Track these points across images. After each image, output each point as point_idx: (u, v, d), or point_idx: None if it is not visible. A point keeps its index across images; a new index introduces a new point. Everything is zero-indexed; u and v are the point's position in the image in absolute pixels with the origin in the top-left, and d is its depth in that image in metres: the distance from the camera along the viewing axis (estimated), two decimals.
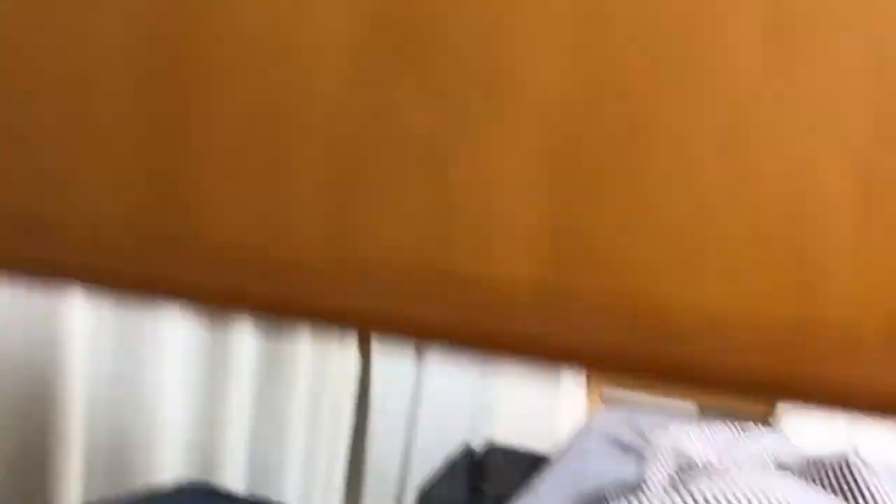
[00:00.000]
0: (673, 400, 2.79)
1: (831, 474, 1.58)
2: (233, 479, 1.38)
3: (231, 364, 1.33)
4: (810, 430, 2.20)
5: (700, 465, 1.64)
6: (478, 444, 2.61)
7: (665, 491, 1.50)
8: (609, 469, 2.21)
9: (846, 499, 1.53)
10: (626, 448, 2.35)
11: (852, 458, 1.59)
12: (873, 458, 1.65)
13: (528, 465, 2.44)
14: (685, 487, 1.45)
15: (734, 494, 1.37)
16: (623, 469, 2.12)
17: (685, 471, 1.67)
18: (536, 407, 2.64)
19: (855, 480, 1.55)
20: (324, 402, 1.60)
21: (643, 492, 1.66)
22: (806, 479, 1.62)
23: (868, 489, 1.54)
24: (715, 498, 1.36)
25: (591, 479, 2.04)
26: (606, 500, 1.38)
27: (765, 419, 2.56)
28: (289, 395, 1.46)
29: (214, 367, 1.33)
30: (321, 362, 1.57)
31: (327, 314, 0.29)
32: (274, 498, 1.14)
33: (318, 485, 1.67)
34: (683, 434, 1.95)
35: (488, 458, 2.51)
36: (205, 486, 1.16)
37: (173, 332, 1.23)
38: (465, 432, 2.53)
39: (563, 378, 2.61)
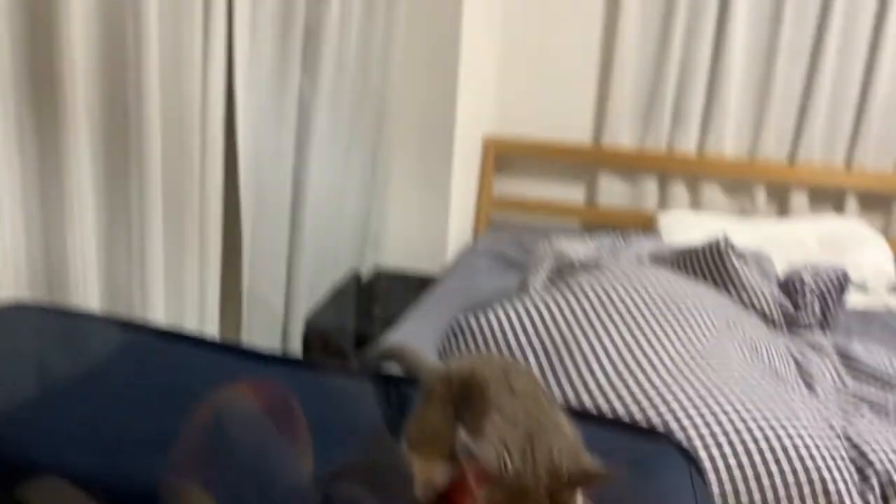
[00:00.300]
0: (558, 221, 2.83)
1: (702, 262, 1.63)
2: (85, 301, 1.28)
3: (66, 169, 1.18)
4: (687, 234, 2.27)
5: (578, 265, 1.65)
6: (365, 270, 2.58)
7: (544, 288, 1.51)
8: (495, 283, 2.24)
9: (716, 283, 1.59)
10: (511, 263, 2.38)
11: (722, 246, 1.64)
12: (741, 245, 1.71)
13: (415, 286, 2.45)
14: (563, 281, 1.46)
15: (609, 283, 1.38)
16: (508, 282, 2.15)
17: (564, 270, 1.69)
18: (424, 233, 2.61)
19: (724, 265, 1.61)
20: (187, 219, 1.48)
21: (525, 292, 1.67)
22: (678, 268, 1.67)
23: (736, 272, 1.60)
24: (592, 289, 1.37)
25: (478, 293, 2.07)
26: (492, 306, 1.37)
27: (645, 229, 2.63)
28: (142, 206, 1.33)
29: (46, 173, 1.18)
30: (178, 176, 1.44)
31: None
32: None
33: (189, 311, 1.59)
34: (565, 242, 1.97)
35: (376, 283, 2.49)
36: (34, 304, 1.05)
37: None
38: (353, 260, 2.50)
39: (451, 203, 2.58)
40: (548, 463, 0.59)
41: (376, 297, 2.37)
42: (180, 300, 1.56)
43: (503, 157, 2.90)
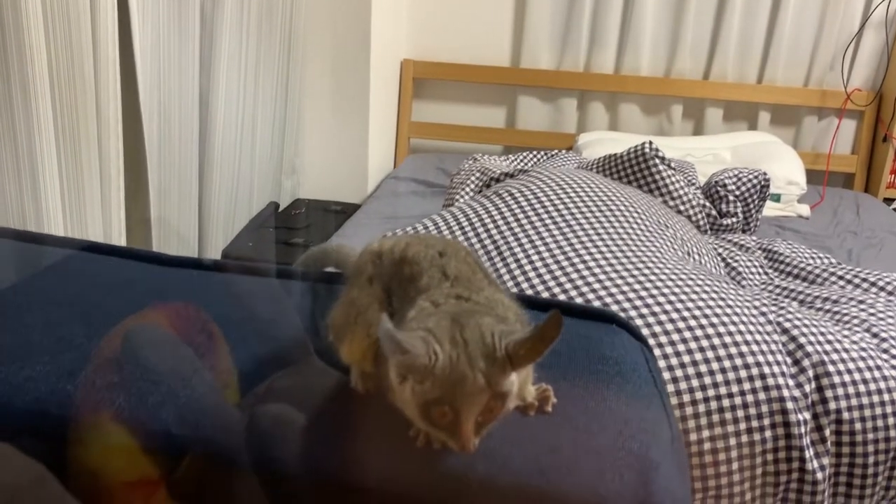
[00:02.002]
0: (479, 145, 2.78)
1: (627, 167, 1.62)
2: None
3: None
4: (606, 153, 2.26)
5: (504, 176, 1.61)
6: (284, 201, 2.47)
7: (472, 199, 1.46)
8: (419, 207, 2.18)
9: (640, 185, 1.59)
10: (434, 188, 2.32)
11: (647, 150, 1.63)
12: (664, 148, 1.70)
13: (336, 215, 2.37)
14: (490, 189, 1.42)
15: (538, 187, 1.34)
16: (433, 207, 2.10)
17: (490, 184, 1.64)
18: (343, 161, 2.51)
19: (649, 170, 1.60)
20: (82, 137, 1.35)
21: (451, 205, 1.62)
22: (604, 173, 1.66)
23: (661, 177, 1.60)
24: (521, 193, 1.33)
25: (401, 217, 2.00)
26: (419, 221, 1.31)
27: (566, 150, 2.62)
28: (28, 124, 1.20)
29: None
30: (69, 92, 1.29)
31: None
32: None
33: (92, 237, 1.47)
34: (489, 160, 1.93)
35: (296, 213, 2.39)
36: None
37: None
38: (270, 191, 2.38)
39: (370, 129, 2.48)
40: (481, 346, 0.53)
41: (296, 226, 2.28)
42: (82, 225, 1.43)
43: (422, 82, 2.81)
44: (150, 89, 1.60)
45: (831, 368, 1.10)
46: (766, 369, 1.06)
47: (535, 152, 2.25)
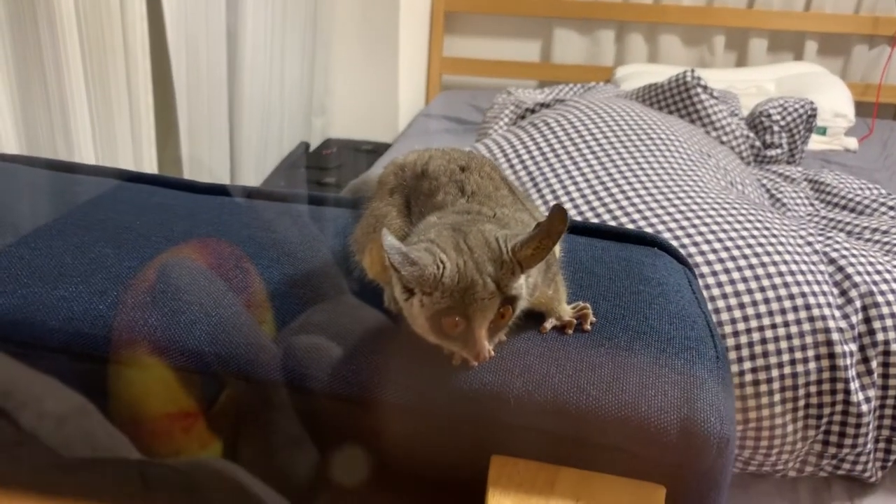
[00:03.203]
0: (514, 80, 2.70)
1: (668, 95, 1.56)
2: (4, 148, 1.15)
3: None
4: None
5: (538, 107, 1.56)
6: (314, 141, 2.45)
7: (506, 130, 1.42)
8: (449, 144, 2.12)
9: (681, 115, 1.53)
10: (467, 124, 2.28)
11: (689, 79, 1.56)
12: (706, 80, 1.63)
13: (367, 154, 2.34)
14: (525, 120, 1.37)
15: (575, 116, 1.30)
16: (466, 143, 2.05)
17: (525, 116, 1.60)
18: (373, 99, 2.47)
19: (691, 99, 1.54)
20: (110, 74, 1.34)
21: (488, 136, 1.58)
22: (644, 102, 1.60)
23: (703, 107, 1.54)
24: (557, 122, 1.29)
25: None
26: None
27: (605, 82, 2.54)
28: (58, 64, 1.19)
29: None
30: (96, 31, 1.28)
31: None
32: None
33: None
34: (523, 93, 1.87)
35: (326, 152, 2.37)
36: None
37: None
38: (301, 132, 2.36)
39: (400, 66, 2.43)
40: (487, 251, 0.51)
41: (327, 166, 2.26)
42: (113, 163, 1.43)
43: (454, 15, 2.73)
44: (177, 25, 1.57)
45: (880, 299, 1.06)
46: (812, 299, 1.02)
47: (571, 85, 2.19)
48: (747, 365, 1.01)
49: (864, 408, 1.03)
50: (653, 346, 0.56)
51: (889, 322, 1.05)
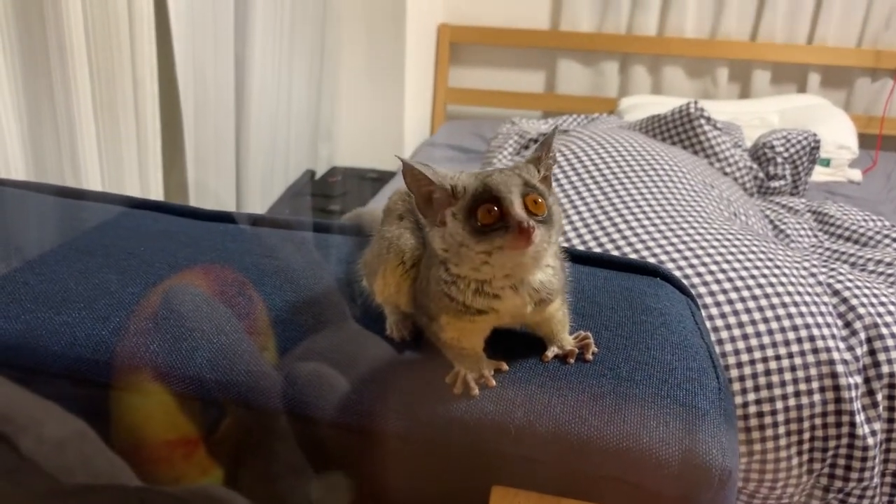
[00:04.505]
0: (518, 111, 2.73)
1: (671, 126, 1.57)
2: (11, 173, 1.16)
3: None
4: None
5: (542, 137, 1.57)
6: (320, 168, 2.47)
7: (512, 159, 1.43)
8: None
9: (684, 146, 1.54)
10: (471, 153, 2.29)
11: (692, 110, 1.57)
12: (710, 112, 1.64)
13: (373, 182, 2.35)
14: (529, 150, 1.38)
15: (579, 147, 1.31)
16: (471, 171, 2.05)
17: (529, 146, 1.61)
18: (379, 127, 2.49)
19: (694, 131, 1.55)
20: (118, 101, 1.35)
21: (492, 165, 1.59)
22: (647, 134, 1.61)
23: (707, 138, 1.55)
24: (561, 153, 1.29)
25: None
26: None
27: (609, 113, 2.56)
28: (66, 88, 1.20)
29: None
30: (105, 55, 1.29)
31: None
32: None
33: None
34: (527, 123, 1.89)
35: (332, 179, 2.38)
36: None
37: None
38: (307, 159, 2.38)
39: (406, 95, 2.45)
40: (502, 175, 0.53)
41: (333, 194, 2.27)
42: (120, 189, 1.44)
43: (459, 47, 2.77)
44: (186, 52, 1.60)
45: (884, 331, 1.05)
46: (816, 331, 1.02)
47: (575, 116, 2.20)
48: (751, 397, 1.01)
49: (870, 441, 1.02)
50: (655, 377, 0.56)
51: (894, 354, 1.04)
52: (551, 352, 0.59)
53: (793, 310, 1.03)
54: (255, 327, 0.67)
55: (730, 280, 1.04)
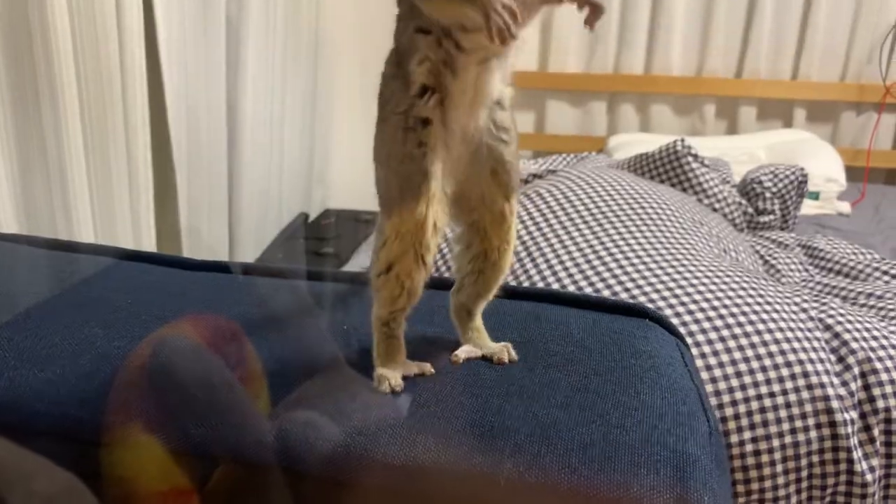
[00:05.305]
0: None
1: (659, 164, 1.58)
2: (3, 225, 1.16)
3: None
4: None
5: (532, 177, 1.59)
6: (314, 211, 2.48)
7: None
8: None
9: (673, 184, 1.55)
10: None
11: (679, 148, 1.59)
12: (697, 148, 1.66)
13: (367, 225, 2.36)
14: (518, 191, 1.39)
15: (567, 186, 1.32)
16: None
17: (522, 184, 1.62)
18: (373, 170, 2.51)
19: (682, 168, 1.56)
20: (110, 147, 1.36)
21: None
22: (635, 172, 1.62)
23: (695, 175, 1.56)
24: (549, 193, 1.30)
25: None
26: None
27: (598, 152, 2.58)
28: (58, 134, 1.21)
29: None
30: (97, 101, 1.30)
31: None
32: None
33: (122, 245, 1.47)
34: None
35: (325, 222, 2.39)
36: None
37: None
38: (300, 203, 2.39)
39: None
40: None
41: (326, 237, 2.27)
42: (112, 234, 1.44)
43: None
44: (177, 96, 1.61)
45: (878, 365, 1.05)
46: (809, 367, 1.02)
47: (564, 156, 2.22)
48: (747, 435, 1.00)
49: (869, 477, 1.01)
50: (645, 423, 0.55)
51: (889, 389, 1.04)
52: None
53: (785, 346, 1.03)
54: (242, 379, 0.66)
55: (721, 317, 1.04)
